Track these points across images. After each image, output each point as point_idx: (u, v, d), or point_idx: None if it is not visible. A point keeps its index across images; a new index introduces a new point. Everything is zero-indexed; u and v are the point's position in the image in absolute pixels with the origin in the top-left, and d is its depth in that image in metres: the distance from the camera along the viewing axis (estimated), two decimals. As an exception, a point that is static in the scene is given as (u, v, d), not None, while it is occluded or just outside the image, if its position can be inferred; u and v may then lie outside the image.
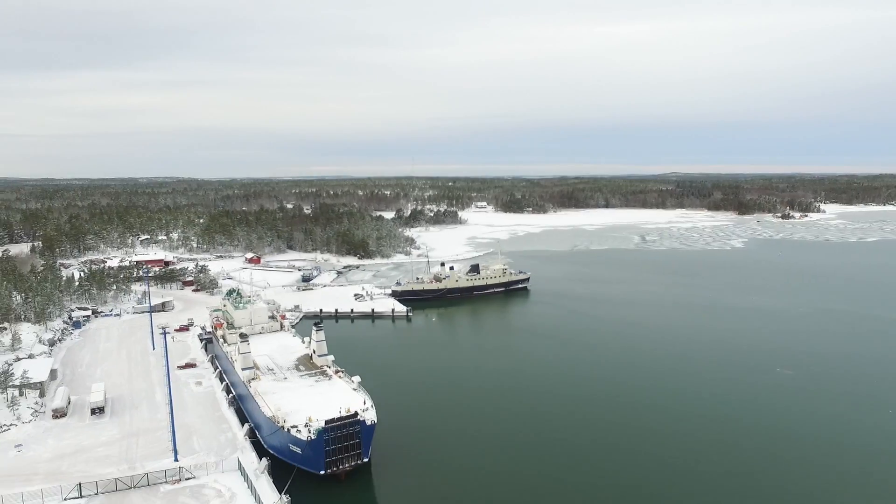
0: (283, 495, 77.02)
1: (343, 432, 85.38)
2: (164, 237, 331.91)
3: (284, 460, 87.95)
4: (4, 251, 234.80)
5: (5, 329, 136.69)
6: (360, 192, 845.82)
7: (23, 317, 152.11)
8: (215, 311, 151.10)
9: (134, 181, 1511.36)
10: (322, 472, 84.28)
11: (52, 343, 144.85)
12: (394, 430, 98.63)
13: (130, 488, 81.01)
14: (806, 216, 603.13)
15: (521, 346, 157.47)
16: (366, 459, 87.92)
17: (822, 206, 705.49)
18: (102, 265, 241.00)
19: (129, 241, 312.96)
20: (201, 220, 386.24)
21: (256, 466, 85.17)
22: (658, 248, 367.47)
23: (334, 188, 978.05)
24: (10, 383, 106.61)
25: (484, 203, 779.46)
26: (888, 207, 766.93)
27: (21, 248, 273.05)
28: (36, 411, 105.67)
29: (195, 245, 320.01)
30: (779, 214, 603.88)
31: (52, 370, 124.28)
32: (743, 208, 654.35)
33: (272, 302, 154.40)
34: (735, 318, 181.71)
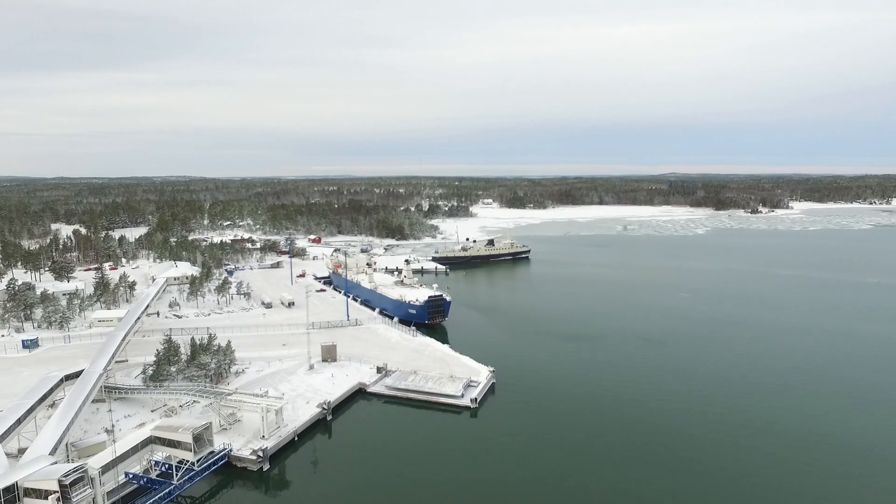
0: (412, 327, 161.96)
1: (436, 303, 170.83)
2: (243, 223, 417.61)
3: (405, 319, 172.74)
4: (149, 230, 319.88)
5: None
6: (377, 190, 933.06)
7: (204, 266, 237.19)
8: (331, 258, 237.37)
9: (149, 180, 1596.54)
10: (426, 322, 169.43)
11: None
12: (456, 312, 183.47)
13: (335, 327, 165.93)
14: (772, 212, 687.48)
15: (520, 285, 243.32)
16: (447, 318, 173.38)
17: (792, 204, 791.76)
18: (204, 242, 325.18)
19: (218, 224, 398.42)
20: (259, 212, 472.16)
21: (392, 321, 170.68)
22: (635, 234, 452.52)
23: (350, 186, 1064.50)
24: (242, 291, 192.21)
25: (490, 200, 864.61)
26: (854, 205, 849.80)
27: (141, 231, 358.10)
28: (255, 305, 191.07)
29: (267, 229, 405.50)
30: (749, 210, 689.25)
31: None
32: (720, 205, 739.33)
33: (366, 255, 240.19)
34: (665, 270, 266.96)
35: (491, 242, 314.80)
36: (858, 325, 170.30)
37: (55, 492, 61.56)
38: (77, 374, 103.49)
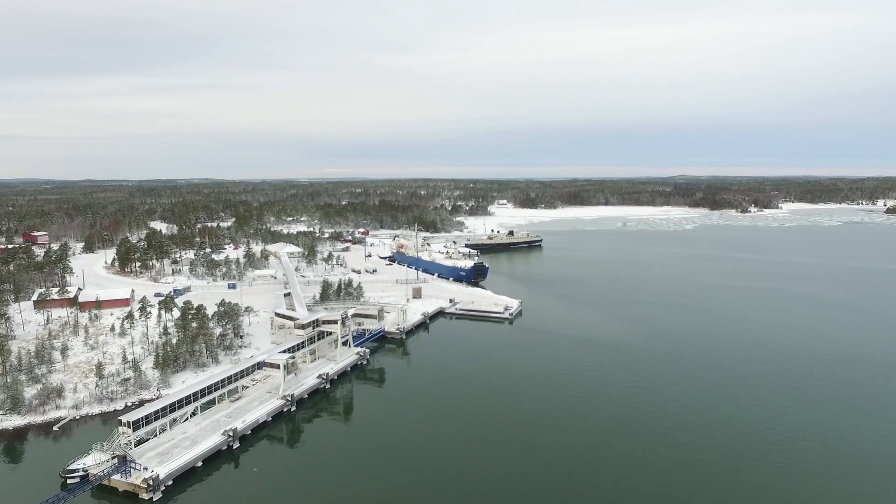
0: (463, 282, 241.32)
1: (480, 267, 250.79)
2: (303, 219, 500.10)
3: (457, 279, 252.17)
4: (235, 222, 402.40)
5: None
6: (400, 192, 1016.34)
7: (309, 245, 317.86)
8: (394, 240, 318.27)
9: (173, 182, 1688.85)
10: (472, 280, 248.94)
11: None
12: (490, 276, 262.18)
13: (412, 283, 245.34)
14: (761, 211, 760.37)
15: (535, 261, 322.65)
16: (485, 278, 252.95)
17: (782, 204, 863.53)
18: (285, 232, 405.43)
19: (283, 220, 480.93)
20: (313, 210, 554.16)
21: (447, 281, 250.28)
22: (632, 229, 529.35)
23: (375, 189, 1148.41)
24: (339, 262, 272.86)
25: (504, 201, 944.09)
26: (843, 205, 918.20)
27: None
28: (349, 272, 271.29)
29: (322, 224, 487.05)
30: (740, 210, 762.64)
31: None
32: (715, 205, 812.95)
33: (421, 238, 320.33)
34: (647, 254, 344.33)
35: (511, 233, 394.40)
36: (776, 285, 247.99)
37: (339, 321, 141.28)
38: (288, 294, 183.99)
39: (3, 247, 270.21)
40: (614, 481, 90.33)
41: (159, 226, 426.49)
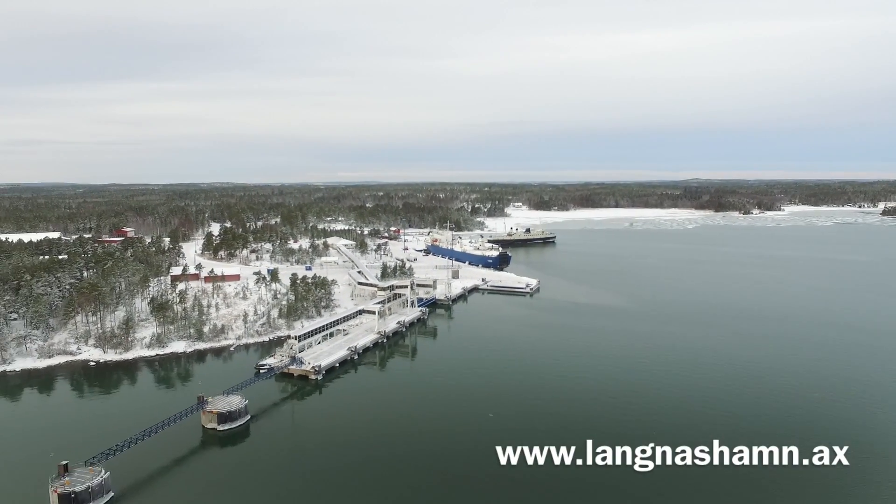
0: (490, 268, 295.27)
1: (504, 255, 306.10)
2: (341, 218, 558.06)
3: (485, 265, 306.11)
4: (279, 221, 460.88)
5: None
6: (420, 195, 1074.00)
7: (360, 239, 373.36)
8: (429, 235, 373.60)
9: (197, 185, 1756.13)
10: (497, 266, 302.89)
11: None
12: (511, 263, 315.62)
13: (448, 268, 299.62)
14: (763, 213, 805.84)
15: (549, 254, 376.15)
16: (508, 265, 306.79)
17: (784, 207, 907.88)
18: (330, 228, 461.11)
19: (324, 219, 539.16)
20: (348, 211, 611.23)
21: (477, 267, 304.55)
22: (638, 228, 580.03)
23: (396, 192, 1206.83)
24: (386, 252, 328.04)
25: (520, 203, 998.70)
26: (845, 207, 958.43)
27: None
28: (395, 260, 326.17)
29: (357, 223, 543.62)
30: (742, 212, 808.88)
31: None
32: (719, 207, 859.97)
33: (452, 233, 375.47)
34: (645, 248, 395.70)
35: (528, 230, 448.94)
36: (746, 270, 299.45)
37: (409, 286, 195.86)
38: (359, 272, 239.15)
39: (116, 239, 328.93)
40: (611, 395, 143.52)
41: (215, 225, 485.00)
